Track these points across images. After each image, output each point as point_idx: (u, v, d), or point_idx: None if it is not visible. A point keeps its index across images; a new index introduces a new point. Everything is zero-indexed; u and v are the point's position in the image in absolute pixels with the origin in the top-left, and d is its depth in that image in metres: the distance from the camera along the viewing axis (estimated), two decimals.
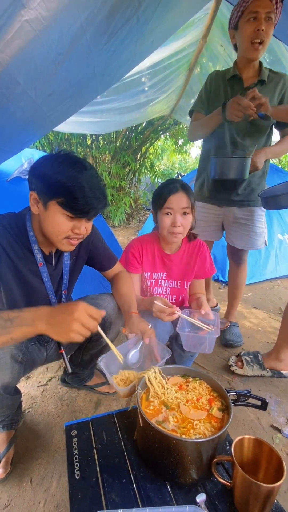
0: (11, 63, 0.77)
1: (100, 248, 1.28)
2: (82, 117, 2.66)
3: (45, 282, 1.11)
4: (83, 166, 0.93)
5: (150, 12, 1.02)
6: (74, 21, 0.80)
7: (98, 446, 0.93)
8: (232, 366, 1.72)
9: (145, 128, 5.44)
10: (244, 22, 1.51)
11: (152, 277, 1.49)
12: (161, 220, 1.32)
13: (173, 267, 1.48)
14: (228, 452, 0.89)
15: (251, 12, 1.47)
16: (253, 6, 1.46)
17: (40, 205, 0.96)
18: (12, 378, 0.98)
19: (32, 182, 0.96)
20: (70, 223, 0.96)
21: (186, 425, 0.85)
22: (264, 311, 2.54)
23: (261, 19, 1.46)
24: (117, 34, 0.98)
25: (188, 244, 1.49)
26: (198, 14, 2.09)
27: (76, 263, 1.23)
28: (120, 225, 5.64)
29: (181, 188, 1.30)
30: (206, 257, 1.50)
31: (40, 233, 1.03)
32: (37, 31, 0.73)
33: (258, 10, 1.45)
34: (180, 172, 9.04)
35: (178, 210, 1.29)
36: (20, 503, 1.05)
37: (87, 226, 1.01)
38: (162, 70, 2.64)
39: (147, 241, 1.49)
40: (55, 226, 0.95)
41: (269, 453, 0.77)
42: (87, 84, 1.16)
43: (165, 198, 1.28)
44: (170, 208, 1.29)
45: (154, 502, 0.76)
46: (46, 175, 0.91)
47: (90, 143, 5.74)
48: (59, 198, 0.91)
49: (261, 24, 1.46)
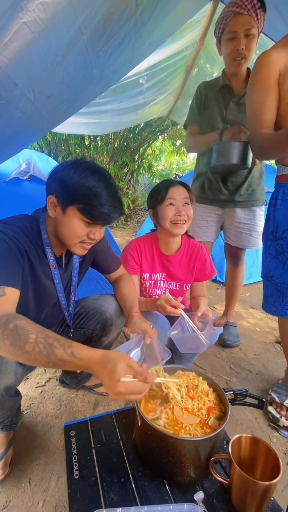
0: (10, 66, 0.78)
1: (105, 251, 1.30)
2: (80, 118, 2.66)
3: (56, 284, 1.12)
4: (104, 175, 0.97)
5: (147, 14, 1.03)
6: (72, 24, 0.81)
7: (97, 446, 0.93)
8: (280, 419, 1.35)
9: (143, 129, 5.46)
10: (225, 40, 1.54)
11: (151, 278, 1.49)
12: (164, 211, 1.33)
13: (172, 268, 1.48)
14: (225, 451, 0.89)
15: (230, 32, 1.49)
16: (232, 25, 1.48)
17: (58, 209, 0.98)
18: (15, 380, 0.99)
19: (52, 186, 0.99)
20: (87, 228, 0.99)
21: (176, 424, 0.85)
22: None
23: (239, 38, 1.48)
24: (115, 37, 0.99)
25: (188, 246, 1.50)
26: (195, 16, 2.10)
27: (82, 265, 1.24)
28: (118, 226, 5.64)
29: (178, 183, 1.34)
30: (206, 260, 1.51)
31: (53, 236, 1.05)
32: (35, 33, 0.74)
33: (236, 30, 1.47)
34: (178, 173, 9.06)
35: (180, 201, 1.31)
36: (19, 504, 1.05)
37: (101, 231, 1.05)
38: (160, 72, 2.65)
39: (146, 242, 1.49)
40: (71, 231, 0.98)
41: (266, 451, 0.78)
42: (85, 86, 1.17)
43: (166, 190, 1.32)
44: (173, 198, 1.31)
45: (153, 500, 0.77)
46: (67, 181, 0.94)
47: (88, 143, 5.75)
48: (79, 204, 0.94)
49: (239, 44, 1.48)
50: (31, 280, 1.06)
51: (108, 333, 1.26)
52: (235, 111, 1.69)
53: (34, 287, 1.07)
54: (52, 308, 1.18)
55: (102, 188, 0.94)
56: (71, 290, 1.21)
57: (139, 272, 1.47)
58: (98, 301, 1.27)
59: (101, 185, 0.94)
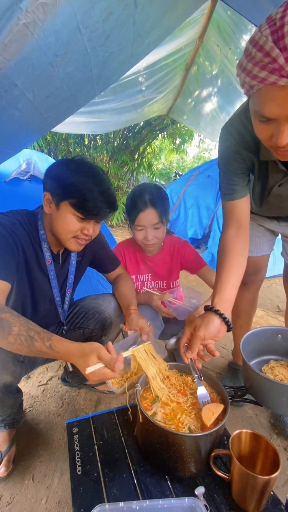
0: (9, 66, 0.78)
1: (104, 250, 1.32)
2: (79, 118, 2.67)
3: (51, 280, 1.14)
4: (96, 171, 1.00)
5: (146, 13, 1.03)
6: (70, 24, 0.81)
7: (99, 443, 0.94)
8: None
9: (143, 127, 5.45)
10: (253, 117, 0.80)
11: (138, 280, 1.53)
12: (134, 234, 1.38)
13: (156, 268, 1.52)
14: (226, 446, 0.90)
15: (263, 116, 0.73)
16: (267, 109, 0.65)
17: (52, 205, 1.01)
18: (14, 378, 1.00)
19: (47, 183, 1.02)
20: (80, 224, 1.01)
21: (173, 418, 0.87)
22: (262, 309, 2.56)
23: (282, 132, 0.71)
24: (114, 36, 1.00)
25: (169, 244, 1.53)
26: (194, 15, 2.10)
27: (80, 264, 1.25)
28: (119, 224, 5.65)
29: (150, 204, 1.30)
30: (191, 253, 1.52)
31: (50, 232, 1.08)
32: (35, 34, 0.74)
33: (276, 117, 0.68)
34: (178, 172, 9.05)
35: (149, 226, 1.32)
36: (23, 500, 1.06)
37: (95, 228, 1.07)
38: (159, 70, 2.65)
39: (128, 246, 1.53)
40: (65, 226, 1.00)
41: (265, 446, 0.79)
42: (84, 86, 1.17)
43: (135, 215, 1.32)
44: (141, 225, 1.33)
45: (154, 495, 0.78)
46: (60, 177, 0.97)
47: (88, 143, 5.75)
48: (71, 199, 0.96)
49: (281, 139, 0.90)
50: (26, 274, 1.07)
51: (108, 333, 1.27)
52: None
53: (29, 282, 1.09)
54: (50, 305, 1.19)
55: (94, 183, 0.97)
56: (67, 288, 1.22)
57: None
58: (97, 301, 1.28)
59: (92, 180, 0.97)
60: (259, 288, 1.52)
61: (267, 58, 0.56)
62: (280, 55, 0.54)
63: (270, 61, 0.56)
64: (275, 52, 0.55)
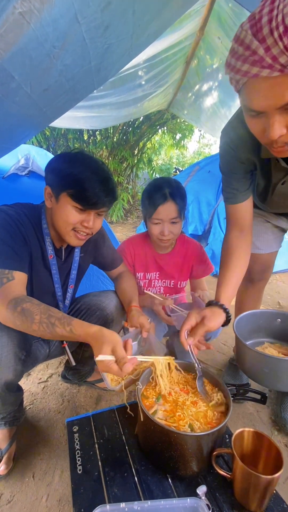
0: (6, 58, 0.76)
1: (108, 247, 1.31)
2: (78, 112, 2.63)
3: (53, 275, 1.14)
4: (94, 161, 1.00)
5: (146, 4, 1.00)
6: (68, 13, 0.79)
7: (100, 441, 0.94)
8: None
9: (142, 122, 5.40)
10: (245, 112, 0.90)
11: (145, 278, 1.50)
12: (150, 228, 1.34)
13: (166, 266, 1.49)
14: (228, 445, 0.90)
15: (252, 110, 0.72)
16: (254, 101, 0.65)
17: (53, 199, 1.01)
18: (15, 375, 0.99)
19: (47, 177, 1.02)
20: (79, 215, 1.00)
21: (174, 414, 0.86)
22: (262, 305, 2.54)
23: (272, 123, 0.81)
24: (113, 27, 0.97)
25: (182, 244, 1.50)
26: (194, 6, 2.06)
27: (83, 261, 1.25)
28: (118, 221, 5.62)
29: (170, 197, 1.26)
30: (203, 258, 1.50)
31: (52, 227, 1.08)
32: (31, 23, 0.72)
33: (264, 110, 0.67)
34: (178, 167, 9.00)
35: (167, 220, 1.29)
36: (23, 498, 1.06)
37: (96, 221, 1.06)
38: (159, 64, 2.61)
39: (139, 243, 1.50)
40: (64, 217, 1.00)
41: (268, 445, 0.78)
42: (83, 79, 1.14)
43: (153, 208, 1.27)
44: (159, 219, 1.29)
45: (156, 495, 0.77)
46: (58, 169, 0.98)
47: (87, 138, 5.70)
48: (69, 190, 0.96)
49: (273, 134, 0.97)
50: (30, 267, 1.07)
51: (110, 329, 1.27)
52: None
53: (31, 274, 1.08)
54: (52, 300, 1.19)
55: (91, 172, 0.97)
56: (69, 283, 1.21)
57: (132, 272, 1.48)
58: (99, 298, 1.27)
59: (90, 170, 0.97)
60: (265, 285, 1.53)
61: (247, 51, 0.57)
62: (259, 47, 0.55)
63: (250, 53, 0.57)
64: (255, 44, 0.55)
